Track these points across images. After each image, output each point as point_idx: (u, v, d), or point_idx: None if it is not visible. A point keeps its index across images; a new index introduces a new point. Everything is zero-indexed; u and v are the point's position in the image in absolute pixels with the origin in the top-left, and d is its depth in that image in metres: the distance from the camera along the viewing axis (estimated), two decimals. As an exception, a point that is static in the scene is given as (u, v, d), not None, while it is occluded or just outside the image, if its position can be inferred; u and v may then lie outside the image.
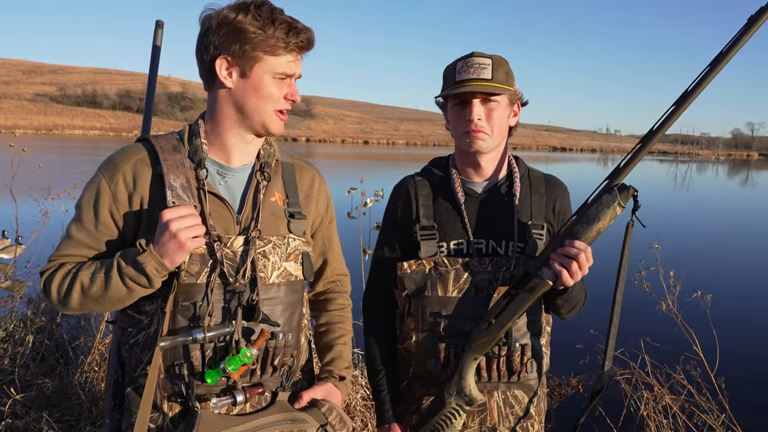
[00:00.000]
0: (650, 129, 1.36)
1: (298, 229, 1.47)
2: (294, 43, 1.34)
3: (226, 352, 1.34)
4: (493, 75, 1.55)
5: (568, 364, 3.78)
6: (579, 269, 1.40)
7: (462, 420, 1.57)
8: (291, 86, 1.40)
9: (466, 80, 1.55)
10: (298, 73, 1.40)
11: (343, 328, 1.69)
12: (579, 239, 1.39)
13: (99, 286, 1.29)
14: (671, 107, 1.32)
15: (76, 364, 3.85)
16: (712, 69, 1.28)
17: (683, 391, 3.17)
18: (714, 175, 49.55)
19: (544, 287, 1.44)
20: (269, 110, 1.38)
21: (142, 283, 1.27)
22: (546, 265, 1.43)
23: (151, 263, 1.25)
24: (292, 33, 1.33)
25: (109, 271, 1.28)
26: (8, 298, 4.71)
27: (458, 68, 1.58)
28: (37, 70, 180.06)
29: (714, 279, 8.74)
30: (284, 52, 1.34)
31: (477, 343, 1.50)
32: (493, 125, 1.58)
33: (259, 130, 1.41)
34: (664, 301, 3.16)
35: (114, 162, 1.37)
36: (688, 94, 1.31)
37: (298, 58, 1.38)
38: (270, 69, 1.34)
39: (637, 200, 1.38)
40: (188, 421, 1.34)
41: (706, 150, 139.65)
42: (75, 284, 1.30)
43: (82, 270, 1.31)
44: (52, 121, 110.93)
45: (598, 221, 1.38)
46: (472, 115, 1.56)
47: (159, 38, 1.70)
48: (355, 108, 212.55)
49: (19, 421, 3.11)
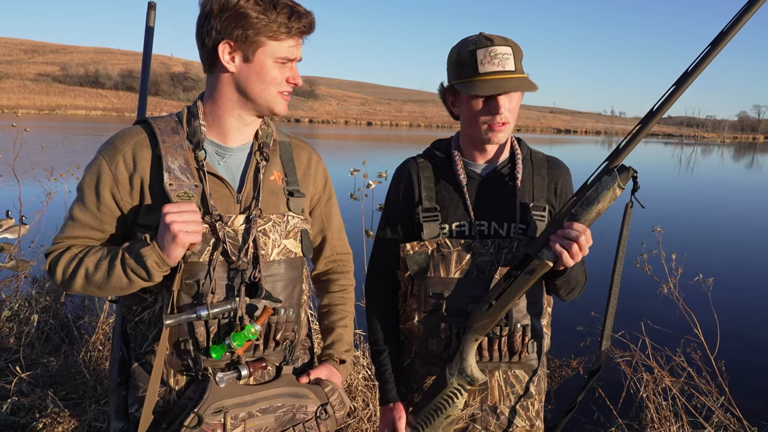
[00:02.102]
0: (650, 110, 1.35)
1: (297, 206, 1.50)
2: (296, 27, 1.35)
3: (230, 328, 1.38)
4: (516, 65, 1.53)
5: (569, 345, 3.81)
6: (579, 250, 1.41)
7: (463, 400, 1.58)
8: (292, 69, 1.41)
9: (491, 73, 1.51)
10: (299, 56, 1.41)
11: (344, 310, 1.72)
12: (579, 221, 1.40)
13: (102, 273, 1.32)
14: (671, 87, 1.32)
15: (80, 343, 3.89)
16: (712, 49, 1.27)
17: (683, 373, 3.19)
18: (719, 157, 49.29)
19: (544, 268, 1.45)
20: (273, 93, 1.40)
21: (142, 276, 1.30)
22: (546, 247, 1.44)
23: (152, 257, 1.28)
24: (294, 18, 1.34)
25: (114, 260, 1.31)
26: (13, 277, 4.75)
27: (480, 58, 1.51)
28: (39, 50, 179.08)
29: (716, 262, 8.74)
30: (286, 36, 1.35)
31: (478, 324, 1.52)
32: (513, 115, 1.58)
33: (264, 111, 1.44)
34: (666, 284, 3.17)
35: (114, 144, 1.39)
36: (688, 74, 1.30)
37: (299, 43, 1.39)
38: (272, 53, 1.36)
39: (636, 181, 1.39)
40: (198, 385, 1.38)
41: (712, 133, 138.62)
42: (80, 269, 1.33)
43: (88, 256, 1.34)
44: (55, 101, 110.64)
45: (598, 203, 1.38)
46: (500, 109, 1.53)
47: (152, 19, 1.71)
48: (358, 89, 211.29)
49: (25, 399, 3.16)
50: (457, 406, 1.59)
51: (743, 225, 13.41)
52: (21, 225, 5.71)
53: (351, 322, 1.74)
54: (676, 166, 33.38)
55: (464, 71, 1.55)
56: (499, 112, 1.53)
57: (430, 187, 1.65)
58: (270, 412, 1.42)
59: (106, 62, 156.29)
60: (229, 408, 1.36)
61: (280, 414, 1.44)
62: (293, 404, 1.46)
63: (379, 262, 1.76)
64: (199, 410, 1.33)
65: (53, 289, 4.41)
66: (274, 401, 1.43)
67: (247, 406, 1.39)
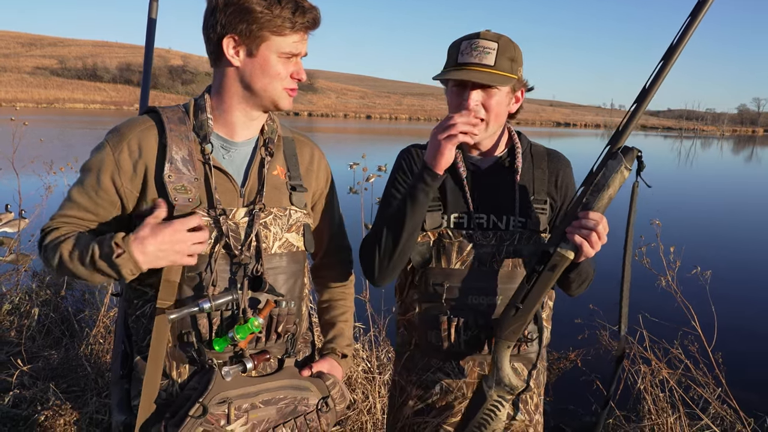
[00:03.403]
0: (643, 87, 1.36)
1: (300, 201, 1.51)
2: (300, 23, 1.35)
3: (232, 320, 1.39)
4: (497, 61, 1.50)
5: (567, 338, 3.82)
6: (598, 239, 1.40)
7: (506, 411, 1.55)
8: (297, 65, 1.41)
9: (466, 64, 1.51)
10: (303, 51, 1.41)
11: (344, 305, 1.74)
12: (593, 209, 1.38)
13: (75, 265, 1.31)
14: (659, 63, 1.33)
15: (81, 336, 3.90)
16: (693, 19, 1.29)
17: (680, 365, 3.21)
18: (718, 150, 49.25)
19: (565, 262, 1.43)
20: (278, 88, 1.40)
21: (113, 277, 1.30)
22: (564, 240, 1.42)
23: (128, 266, 1.26)
24: (299, 13, 1.34)
25: (84, 256, 1.29)
26: (13, 271, 4.76)
27: (462, 48, 1.53)
28: (36, 43, 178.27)
29: (715, 255, 8.77)
30: (290, 32, 1.35)
31: (508, 330, 1.50)
32: (491, 113, 1.54)
33: (269, 106, 1.44)
34: (664, 276, 3.18)
35: (120, 131, 1.39)
36: (673, 47, 1.31)
37: (304, 38, 1.39)
38: (276, 48, 1.36)
39: (641, 161, 1.38)
40: (203, 376, 1.39)
41: (711, 126, 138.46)
42: (57, 251, 1.33)
43: (66, 241, 1.33)
44: (53, 95, 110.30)
45: (608, 188, 1.37)
46: (470, 102, 1.51)
47: (154, 11, 1.71)
48: (357, 82, 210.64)
49: (27, 392, 3.17)
50: (500, 418, 1.55)
51: (742, 218, 13.44)
52: (20, 219, 5.71)
53: (351, 317, 1.75)
54: (676, 159, 33.38)
55: (447, 61, 1.57)
56: (467, 105, 1.50)
57: None
58: (272, 404, 1.43)
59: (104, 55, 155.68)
60: (233, 399, 1.37)
61: (282, 406, 1.45)
62: (295, 396, 1.47)
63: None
64: (204, 400, 1.34)
65: (53, 283, 4.43)
66: (276, 393, 1.45)
67: (251, 398, 1.40)
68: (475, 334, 1.59)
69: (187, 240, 1.27)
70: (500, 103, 1.55)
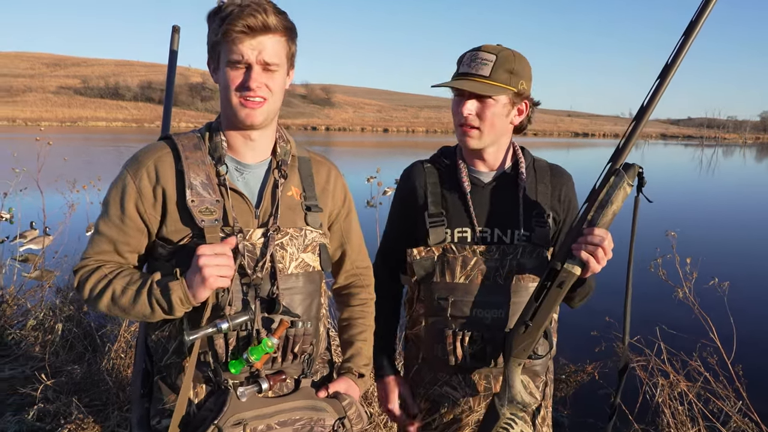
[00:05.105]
0: (640, 105, 1.40)
1: (315, 221, 1.51)
2: (238, 25, 1.29)
3: (248, 341, 1.39)
4: (492, 73, 1.55)
5: (584, 351, 3.80)
6: (604, 254, 1.42)
7: (520, 428, 1.56)
8: (248, 73, 1.34)
9: (464, 74, 1.58)
10: (253, 59, 1.32)
11: (363, 324, 1.71)
12: (597, 225, 1.41)
13: (128, 299, 1.34)
14: (656, 81, 1.37)
15: (103, 351, 3.97)
16: (686, 39, 1.33)
17: (699, 378, 3.16)
18: (741, 158, 48.49)
19: (573, 278, 1.45)
20: (234, 100, 1.36)
21: (164, 308, 1.32)
22: (570, 257, 1.44)
23: (178, 292, 1.30)
24: (236, 15, 1.29)
25: (141, 288, 1.34)
26: (38, 287, 4.85)
27: (464, 59, 1.60)
28: (60, 63, 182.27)
29: (733, 266, 8.60)
30: (234, 36, 1.30)
31: (518, 348, 1.52)
32: (485, 122, 1.59)
33: (238, 123, 1.41)
34: (681, 288, 3.16)
35: (138, 159, 1.42)
36: (668, 66, 1.35)
37: (250, 43, 1.31)
38: (225, 57, 1.34)
39: (642, 177, 1.41)
40: (218, 397, 1.40)
41: (733, 134, 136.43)
42: (107, 290, 1.36)
43: (117, 278, 1.37)
44: (76, 113, 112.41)
45: (612, 204, 1.40)
46: (464, 109, 1.58)
47: (176, 43, 1.73)
48: (374, 96, 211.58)
49: (51, 406, 3.24)
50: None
51: (763, 228, 13.18)
52: (45, 236, 5.85)
53: (371, 336, 1.72)
54: (696, 168, 32.92)
55: (454, 72, 1.64)
56: (462, 112, 1.58)
57: (436, 192, 1.68)
58: (288, 425, 1.43)
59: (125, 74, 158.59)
60: (249, 420, 1.37)
61: (298, 427, 1.44)
62: (311, 417, 1.47)
63: (385, 258, 1.83)
64: (219, 422, 1.34)
65: (76, 299, 4.51)
66: (292, 414, 1.44)
67: (266, 419, 1.39)
68: (481, 348, 1.61)
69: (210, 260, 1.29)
70: (496, 114, 1.59)
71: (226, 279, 1.31)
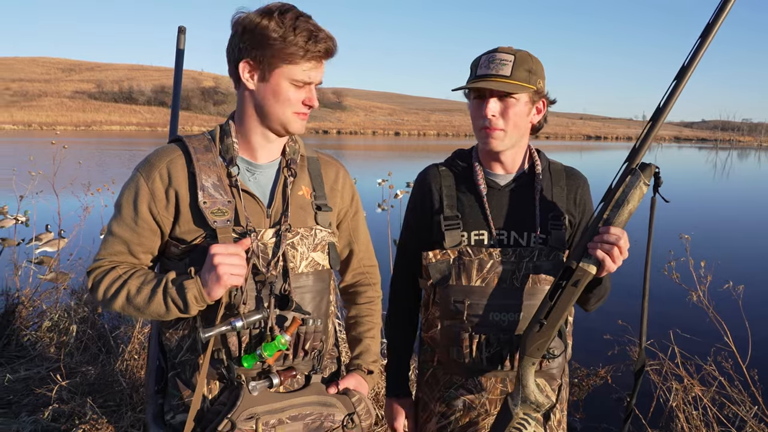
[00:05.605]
0: (657, 106, 1.39)
1: (325, 220, 1.54)
2: (312, 52, 1.38)
3: (260, 338, 1.42)
4: (513, 72, 1.56)
5: (598, 354, 3.77)
6: (620, 253, 1.42)
7: (533, 429, 1.56)
8: (310, 92, 1.44)
9: (484, 75, 1.58)
10: (317, 80, 1.44)
11: (371, 321, 1.76)
12: (613, 224, 1.41)
13: (143, 298, 1.37)
14: (672, 82, 1.36)
15: (117, 352, 4.01)
16: (703, 41, 1.32)
17: (714, 382, 3.13)
18: (756, 162, 47.96)
19: (588, 277, 1.44)
20: (288, 113, 1.43)
21: (179, 306, 1.35)
22: (586, 255, 1.44)
23: (193, 290, 1.33)
24: (311, 42, 1.37)
25: (156, 287, 1.37)
26: (53, 289, 4.91)
27: (481, 62, 1.60)
28: (75, 68, 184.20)
29: (748, 269, 8.51)
30: (302, 60, 1.38)
31: (532, 347, 1.51)
32: (509, 122, 1.59)
33: (280, 130, 1.48)
34: (695, 291, 3.13)
35: (150, 162, 1.45)
36: (685, 68, 1.34)
37: (317, 66, 1.42)
38: (288, 76, 1.39)
39: (659, 177, 1.40)
40: (231, 392, 1.43)
41: (748, 137, 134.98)
42: (122, 290, 1.39)
43: (131, 278, 1.40)
44: (91, 118, 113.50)
45: (628, 203, 1.40)
46: (487, 111, 1.58)
47: (182, 43, 1.76)
48: (385, 99, 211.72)
49: (65, 406, 3.27)
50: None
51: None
52: (60, 238, 5.91)
53: (378, 333, 1.77)
54: (711, 171, 32.60)
55: (470, 76, 1.64)
56: (485, 114, 1.58)
57: (452, 195, 1.68)
58: (299, 420, 1.46)
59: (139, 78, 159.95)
60: (261, 414, 1.40)
61: (308, 422, 1.48)
62: (321, 412, 1.50)
63: (402, 268, 1.82)
64: (233, 416, 1.37)
65: (91, 301, 4.56)
66: (303, 409, 1.47)
67: (278, 413, 1.43)
68: (497, 351, 1.60)
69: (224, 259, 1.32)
70: (518, 113, 1.60)
71: (239, 277, 1.33)
